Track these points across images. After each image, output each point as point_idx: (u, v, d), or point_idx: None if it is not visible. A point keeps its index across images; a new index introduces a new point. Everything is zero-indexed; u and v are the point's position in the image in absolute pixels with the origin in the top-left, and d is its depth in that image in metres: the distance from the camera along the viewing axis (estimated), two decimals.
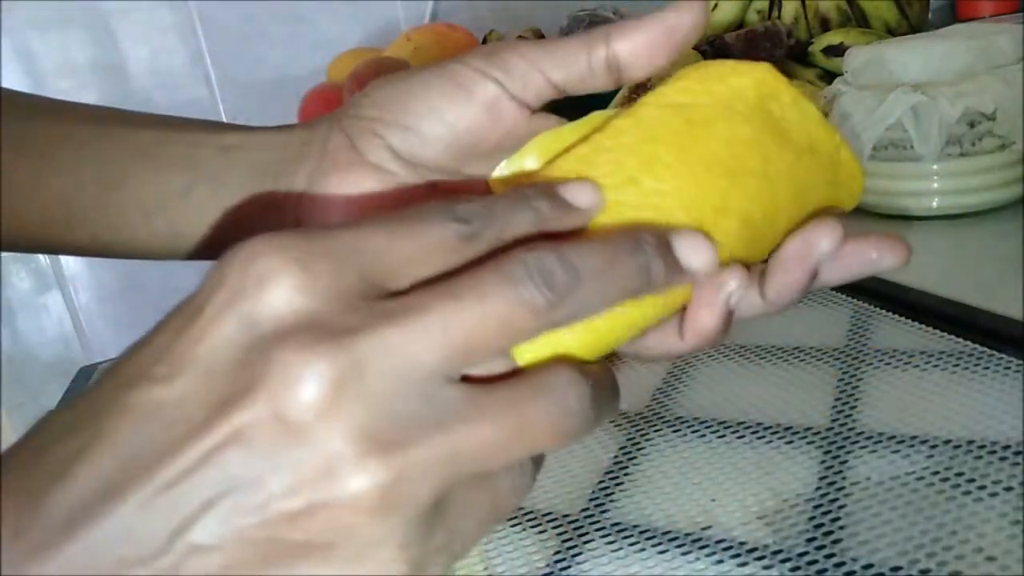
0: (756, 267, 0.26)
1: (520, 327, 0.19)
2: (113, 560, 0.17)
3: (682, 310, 0.25)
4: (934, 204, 0.61)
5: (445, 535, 0.19)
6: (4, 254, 1.08)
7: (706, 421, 0.41)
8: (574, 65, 0.27)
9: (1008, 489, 0.32)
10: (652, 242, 0.22)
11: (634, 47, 0.26)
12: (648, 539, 0.34)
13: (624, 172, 0.24)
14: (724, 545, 0.32)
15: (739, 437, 0.40)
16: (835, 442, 0.38)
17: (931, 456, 0.35)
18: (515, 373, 0.20)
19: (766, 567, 0.31)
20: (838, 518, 0.33)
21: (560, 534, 0.35)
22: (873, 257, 0.25)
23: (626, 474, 0.38)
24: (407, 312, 0.18)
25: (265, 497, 0.17)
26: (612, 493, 0.37)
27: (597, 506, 0.36)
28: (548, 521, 0.36)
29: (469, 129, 0.28)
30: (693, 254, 0.23)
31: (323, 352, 0.17)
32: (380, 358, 0.18)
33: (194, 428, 0.18)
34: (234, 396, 0.18)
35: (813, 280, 0.26)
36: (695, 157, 0.25)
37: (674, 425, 0.41)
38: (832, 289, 0.53)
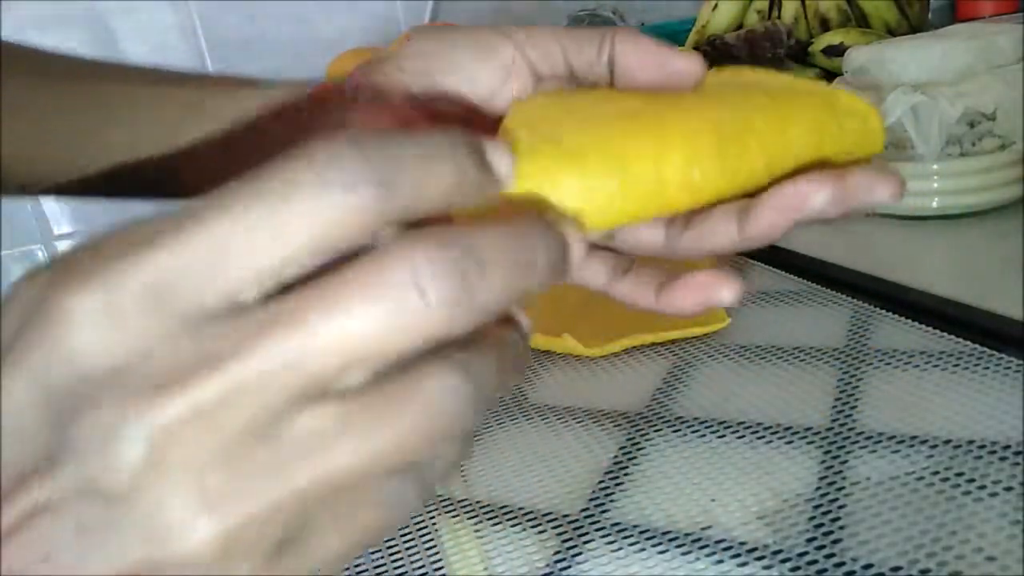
0: (742, 202, 0.26)
1: (401, 342, 0.16)
2: None
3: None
4: (934, 204, 0.61)
5: (300, 560, 0.17)
6: (4, 253, 1.08)
7: (706, 421, 0.41)
8: (588, 50, 0.29)
9: (1008, 489, 0.32)
10: (553, 228, 0.19)
11: (630, 55, 0.28)
12: (648, 539, 0.34)
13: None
14: (724, 545, 0.32)
15: (739, 437, 0.40)
16: (835, 442, 0.38)
17: (931, 456, 0.35)
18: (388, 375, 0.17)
19: (766, 567, 0.31)
20: (838, 518, 0.33)
21: (560, 534, 0.35)
22: (863, 191, 0.25)
23: (626, 474, 0.38)
24: (250, 351, 0.15)
25: (84, 571, 0.15)
26: (612, 493, 0.37)
27: (597, 506, 0.36)
28: (548, 521, 0.36)
29: (487, 85, 0.30)
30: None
31: (142, 409, 0.15)
32: (209, 407, 0.15)
33: None
34: (43, 463, 0.15)
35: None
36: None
37: (674, 425, 0.41)
38: (832, 289, 0.53)
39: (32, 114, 0.37)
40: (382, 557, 0.35)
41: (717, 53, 0.86)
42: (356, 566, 0.35)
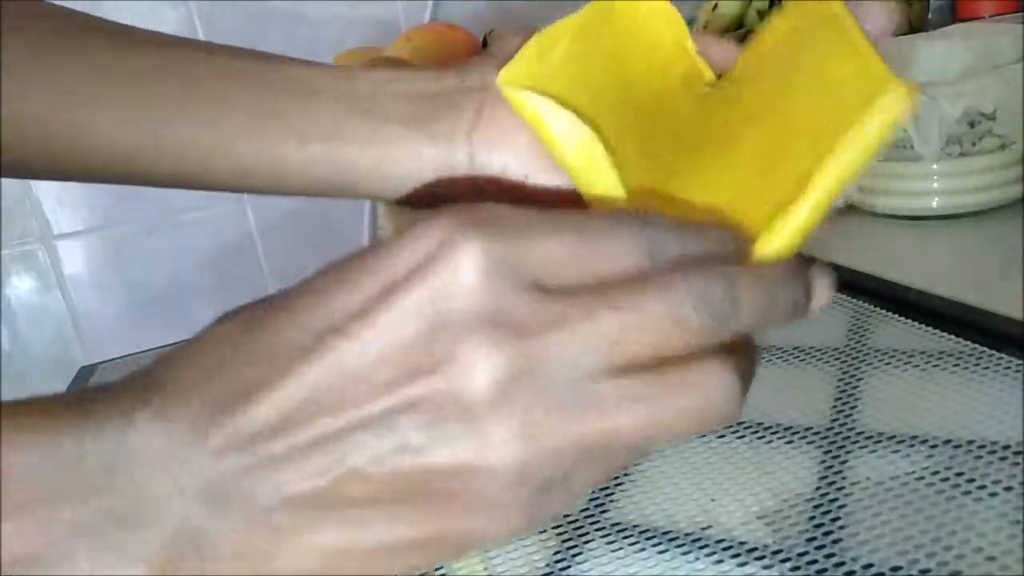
0: None
1: (674, 344, 0.20)
2: (270, 483, 0.19)
3: None
4: (934, 204, 0.61)
5: (560, 494, 0.20)
6: (4, 253, 1.08)
7: None
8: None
9: (1008, 489, 0.32)
10: (803, 280, 0.22)
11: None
12: (648, 539, 0.34)
13: None
14: (724, 545, 0.32)
15: (739, 437, 0.40)
16: (835, 442, 0.38)
17: (931, 456, 0.35)
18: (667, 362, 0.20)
19: (766, 567, 0.31)
20: (838, 518, 0.33)
21: (560, 534, 0.35)
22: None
23: (626, 474, 0.38)
24: (576, 318, 0.19)
25: (423, 456, 0.19)
26: (612, 493, 0.37)
27: (597, 506, 0.36)
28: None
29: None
30: (822, 293, 0.23)
31: (505, 349, 0.19)
32: (548, 359, 0.19)
33: (376, 389, 0.19)
34: (419, 368, 0.19)
35: None
36: None
37: None
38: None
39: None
40: None
41: None
42: None
